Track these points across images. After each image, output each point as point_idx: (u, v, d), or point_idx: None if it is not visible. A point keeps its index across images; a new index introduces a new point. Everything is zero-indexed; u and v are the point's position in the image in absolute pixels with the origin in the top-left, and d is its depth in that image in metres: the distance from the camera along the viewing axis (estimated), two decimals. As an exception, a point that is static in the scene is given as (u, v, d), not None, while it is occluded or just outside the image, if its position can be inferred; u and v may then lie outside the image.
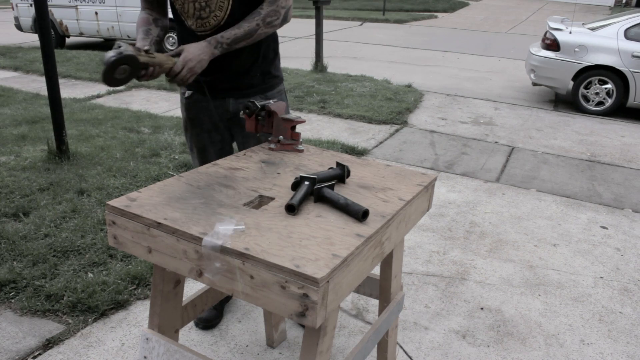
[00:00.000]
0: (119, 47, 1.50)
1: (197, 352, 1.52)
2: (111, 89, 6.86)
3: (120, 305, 2.41)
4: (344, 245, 1.19)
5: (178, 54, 1.71)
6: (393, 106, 6.08)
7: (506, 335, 2.35)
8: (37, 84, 7.03)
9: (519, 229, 3.35)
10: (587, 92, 6.38)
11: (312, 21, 14.76)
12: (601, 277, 2.83)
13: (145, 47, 1.68)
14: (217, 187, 1.48)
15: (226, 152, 2.13)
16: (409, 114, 5.97)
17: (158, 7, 1.95)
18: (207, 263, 1.19)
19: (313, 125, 5.42)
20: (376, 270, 2.60)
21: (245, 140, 2.07)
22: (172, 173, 3.87)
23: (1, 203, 3.29)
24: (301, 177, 1.42)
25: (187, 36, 1.92)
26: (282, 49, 10.69)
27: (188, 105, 2.05)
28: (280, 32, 13.19)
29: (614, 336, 2.37)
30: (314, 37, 11.83)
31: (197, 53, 1.69)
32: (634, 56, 6.00)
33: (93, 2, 9.49)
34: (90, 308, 2.35)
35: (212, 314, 2.30)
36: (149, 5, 1.93)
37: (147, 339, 1.51)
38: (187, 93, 2.03)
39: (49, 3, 9.66)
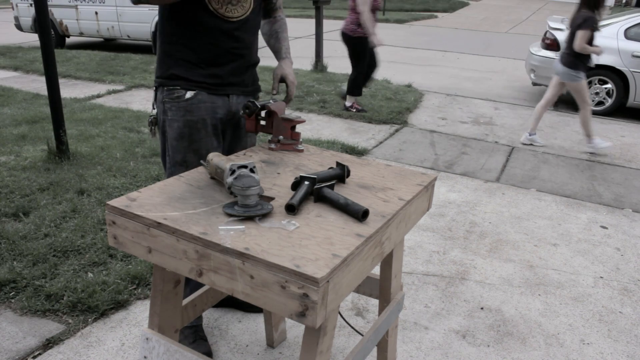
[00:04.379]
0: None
1: (197, 352, 1.52)
2: (111, 88, 6.86)
3: (120, 305, 2.41)
4: (344, 245, 1.19)
5: (281, 79, 2.01)
6: (393, 106, 6.08)
7: (506, 335, 2.35)
8: (37, 84, 7.03)
9: (519, 228, 3.35)
10: (587, 92, 6.38)
11: (312, 21, 14.76)
12: (601, 277, 2.83)
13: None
14: (217, 187, 1.48)
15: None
16: (409, 113, 5.97)
17: None
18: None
19: (313, 125, 5.42)
20: (376, 270, 2.60)
21: (234, 140, 2.01)
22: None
23: (1, 203, 3.29)
24: (301, 177, 1.42)
25: (205, 20, 1.76)
26: (282, 48, 10.68)
27: (190, 107, 1.84)
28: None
29: (614, 336, 2.37)
30: (314, 37, 11.83)
31: (291, 71, 2.03)
32: (634, 56, 6.00)
33: (93, 2, 9.49)
34: (90, 308, 2.35)
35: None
36: None
37: (147, 338, 1.51)
38: (189, 94, 1.83)
39: (49, 3, 9.66)
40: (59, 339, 2.18)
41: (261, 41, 11.83)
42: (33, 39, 11.57)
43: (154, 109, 1.96)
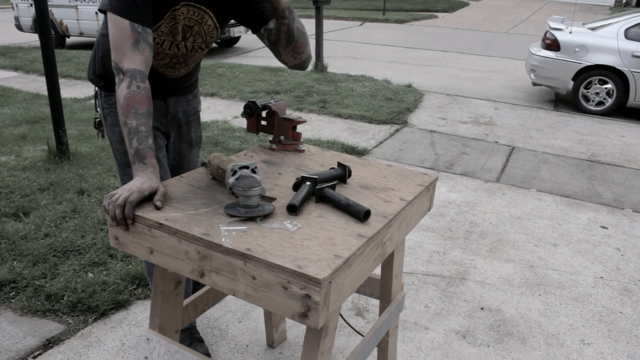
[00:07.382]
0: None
1: (197, 352, 1.52)
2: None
3: (120, 305, 2.41)
4: (345, 246, 1.19)
5: None
6: (393, 106, 6.08)
7: (506, 335, 2.35)
8: (37, 84, 7.03)
9: (519, 229, 3.35)
10: (587, 92, 6.38)
11: (312, 21, 14.75)
12: (601, 277, 2.83)
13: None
14: (218, 188, 1.48)
15: (168, 157, 2.04)
16: (409, 114, 5.97)
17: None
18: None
19: (313, 125, 5.42)
20: (376, 270, 2.60)
21: (177, 137, 2.01)
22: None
23: (1, 203, 3.29)
24: (302, 177, 1.42)
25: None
26: (282, 48, 10.68)
27: None
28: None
29: (614, 336, 2.37)
30: (314, 37, 11.82)
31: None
32: (634, 56, 6.00)
33: (93, 2, 9.48)
34: (91, 308, 2.35)
35: None
36: (146, 70, 1.49)
37: (148, 339, 1.51)
38: None
39: (49, 3, 9.65)
40: (59, 339, 2.18)
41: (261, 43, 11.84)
42: (33, 39, 11.57)
43: (97, 110, 1.97)
